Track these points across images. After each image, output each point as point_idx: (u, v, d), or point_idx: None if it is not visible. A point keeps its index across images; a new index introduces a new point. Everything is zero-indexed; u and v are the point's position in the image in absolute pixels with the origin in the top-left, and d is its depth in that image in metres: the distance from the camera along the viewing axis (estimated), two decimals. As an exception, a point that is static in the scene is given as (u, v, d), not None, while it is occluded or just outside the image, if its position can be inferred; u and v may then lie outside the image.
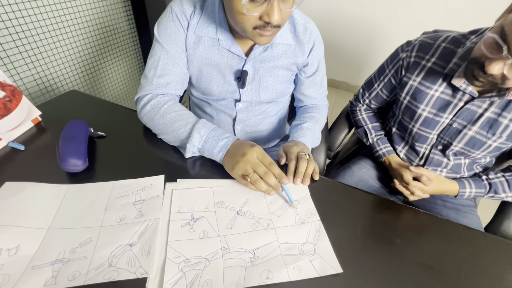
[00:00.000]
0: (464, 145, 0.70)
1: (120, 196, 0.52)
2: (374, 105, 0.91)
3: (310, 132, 0.74)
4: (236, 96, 0.73)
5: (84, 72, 1.32)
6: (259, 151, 0.55)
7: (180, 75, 0.67)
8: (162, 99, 0.64)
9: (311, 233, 0.50)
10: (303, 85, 0.79)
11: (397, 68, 0.78)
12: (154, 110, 0.63)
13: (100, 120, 0.70)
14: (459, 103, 0.68)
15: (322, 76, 0.80)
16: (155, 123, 0.63)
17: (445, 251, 0.49)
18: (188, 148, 0.59)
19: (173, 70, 0.65)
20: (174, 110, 0.63)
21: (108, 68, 1.46)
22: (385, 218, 0.54)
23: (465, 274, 0.46)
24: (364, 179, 0.88)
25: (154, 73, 0.65)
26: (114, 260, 0.42)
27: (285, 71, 0.72)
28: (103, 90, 1.47)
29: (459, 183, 0.76)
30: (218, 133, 0.59)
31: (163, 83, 0.65)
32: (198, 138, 0.58)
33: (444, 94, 0.69)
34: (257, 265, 0.44)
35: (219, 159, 0.58)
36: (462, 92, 0.67)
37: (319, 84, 0.80)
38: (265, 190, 0.54)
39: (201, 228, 0.48)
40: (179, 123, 0.61)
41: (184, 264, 0.43)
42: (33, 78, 1.10)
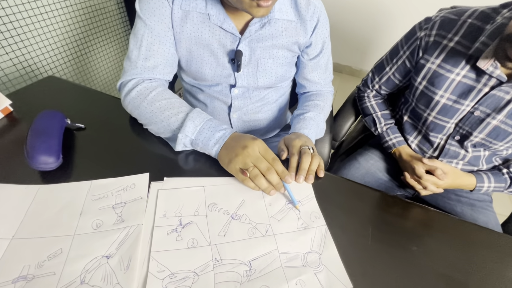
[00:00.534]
0: (486, 135, 0.63)
1: (98, 198, 0.45)
2: (385, 91, 0.82)
3: (313, 122, 0.67)
4: (231, 81, 0.65)
5: (69, 57, 1.23)
6: (262, 145, 0.49)
7: (168, 57, 0.59)
8: (149, 85, 0.57)
9: (316, 241, 0.44)
10: (306, 68, 0.70)
11: (413, 49, 0.69)
12: (140, 97, 0.56)
13: (80, 110, 0.63)
14: (483, 88, 0.60)
15: (327, 59, 0.72)
16: (141, 112, 0.56)
17: (468, 259, 0.43)
18: (180, 139, 0.52)
19: (160, 51, 0.57)
20: (164, 97, 0.56)
21: (96, 53, 1.36)
22: (399, 221, 0.48)
23: (493, 287, 0.40)
24: (371, 171, 0.81)
25: (138, 54, 0.57)
26: (87, 276, 0.36)
27: (285, 51, 0.63)
28: (90, 77, 1.38)
29: (477, 177, 0.70)
30: (214, 124, 0.52)
31: (149, 66, 0.58)
32: (191, 128, 0.52)
33: (466, 79, 0.61)
34: (254, 280, 0.38)
35: (214, 152, 0.52)
36: (488, 76, 0.59)
37: (323, 67, 0.72)
38: (265, 188, 0.48)
39: (190, 235, 0.42)
40: (170, 111, 0.54)
41: (169, 280, 0.37)
42: (12, 62, 1.01)
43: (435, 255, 0.43)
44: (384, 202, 0.51)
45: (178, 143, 0.53)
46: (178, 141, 0.52)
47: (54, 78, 0.73)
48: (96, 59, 1.37)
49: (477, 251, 0.44)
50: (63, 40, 1.18)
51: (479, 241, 0.46)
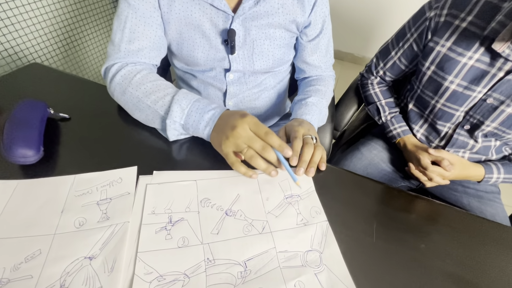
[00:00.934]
0: (499, 124, 0.59)
1: (82, 194, 0.42)
2: (389, 78, 0.78)
3: (316, 108, 0.62)
4: (225, 65, 0.61)
5: (58, 43, 1.17)
6: (252, 121, 0.44)
7: (154, 40, 0.54)
8: (134, 68, 0.53)
9: (316, 238, 0.41)
10: (305, 51, 0.66)
11: (421, 30, 0.64)
12: (125, 82, 0.51)
13: (65, 99, 0.59)
14: (498, 73, 0.56)
15: (327, 40, 0.67)
16: (127, 98, 0.52)
17: (480, 257, 0.40)
18: (169, 126, 0.48)
19: (145, 33, 0.53)
20: (149, 79, 0.51)
21: (85, 40, 1.30)
22: (405, 217, 0.45)
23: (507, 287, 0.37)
24: (374, 162, 0.78)
25: (122, 37, 0.52)
26: (67, 279, 0.33)
27: (283, 31, 0.59)
28: (78, 64, 1.32)
29: (486, 167, 0.66)
30: (202, 104, 0.48)
31: (133, 50, 0.53)
32: (179, 112, 0.48)
33: (479, 63, 0.57)
34: (249, 282, 0.35)
35: (206, 135, 0.48)
36: (503, 60, 0.54)
37: (324, 49, 0.67)
38: (264, 169, 0.45)
39: (180, 233, 0.39)
40: (156, 94, 0.49)
41: (157, 283, 0.34)
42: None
43: (444, 253, 0.40)
44: (389, 196, 0.48)
45: (169, 130, 0.49)
46: (168, 128, 0.49)
47: (37, 65, 0.68)
48: (85, 46, 1.32)
49: (489, 249, 0.41)
50: (51, 26, 1.12)
51: (491, 238, 0.43)
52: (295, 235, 0.41)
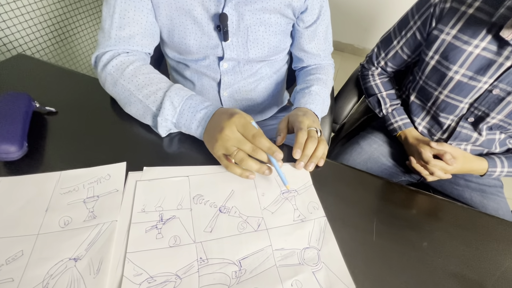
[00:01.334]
0: (505, 116, 0.57)
1: (68, 191, 0.40)
2: (391, 68, 0.75)
3: (319, 98, 0.60)
4: (218, 53, 0.58)
5: (49, 34, 1.13)
6: (239, 122, 0.42)
7: (146, 26, 0.52)
8: (126, 59, 0.50)
9: (314, 235, 0.39)
10: (302, 38, 0.63)
11: (425, 18, 0.61)
12: (117, 72, 0.49)
13: (51, 92, 0.56)
14: (505, 62, 0.53)
15: (326, 27, 0.63)
16: (118, 90, 0.49)
17: (484, 256, 0.39)
18: (160, 123, 0.46)
19: (136, 19, 0.50)
20: (142, 72, 0.49)
21: (78, 30, 1.26)
22: (407, 213, 0.43)
23: None
24: (374, 156, 0.76)
25: (111, 23, 0.50)
26: (51, 282, 0.31)
27: (278, 17, 0.56)
28: (73, 57, 1.29)
29: (489, 161, 0.65)
30: (195, 102, 0.46)
31: (124, 37, 0.51)
32: (171, 110, 0.45)
33: (486, 51, 0.54)
34: (244, 282, 0.34)
35: (199, 135, 0.46)
36: (511, 48, 0.52)
37: (322, 37, 0.64)
38: (257, 170, 0.42)
39: (171, 232, 0.37)
40: (149, 89, 0.47)
41: (147, 284, 0.32)
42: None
43: (447, 252, 0.38)
44: (390, 191, 0.46)
45: (161, 128, 0.47)
46: (160, 125, 0.46)
47: (23, 56, 0.65)
48: (76, 37, 1.28)
49: (495, 246, 0.40)
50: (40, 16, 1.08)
51: (495, 235, 0.41)
52: (292, 232, 0.39)
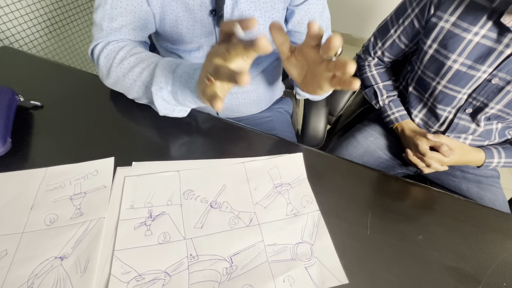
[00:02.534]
0: (504, 106, 0.56)
1: (54, 188, 0.39)
2: (388, 58, 0.73)
3: None
4: (213, 41, 0.56)
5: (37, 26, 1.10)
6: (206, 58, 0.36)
7: (139, 15, 0.50)
8: (116, 46, 0.49)
9: (307, 229, 0.38)
10: (294, 16, 0.58)
11: (423, 5, 0.59)
12: (109, 61, 0.48)
13: (37, 86, 0.54)
14: (505, 50, 0.52)
15: (322, 8, 0.59)
16: (114, 79, 0.48)
17: (479, 248, 0.38)
18: (155, 94, 0.43)
19: (128, 8, 0.48)
20: (132, 53, 0.47)
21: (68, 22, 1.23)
22: (402, 206, 0.42)
23: (507, 280, 0.35)
24: (370, 149, 0.75)
25: (103, 15, 0.48)
26: (36, 282, 0.30)
27: (275, 1, 0.53)
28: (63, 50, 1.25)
29: (486, 152, 0.64)
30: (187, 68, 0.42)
31: (116, 28, 0.49)
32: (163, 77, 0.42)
33: (485, 39, 0.53)
34: (235, 279, 0.33)
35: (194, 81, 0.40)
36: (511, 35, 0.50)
37: (317, 16, 0.59)
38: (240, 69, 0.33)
39: (161, 229, 0.36)
40: (140, 66, 0.45)
41: (135, 283, 0.32)
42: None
43: (443, 244, 0.38)
44: (385, 184, 0.45)
45: (156, 100, 0.43)
46: (154, 97, 0.43)
47: (8, 49, 0.63)
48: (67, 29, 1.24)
49: (491, 238, 0.39)
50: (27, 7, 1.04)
51: (491, 226, 0.41)
52: (285, 226, 0.38)
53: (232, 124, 0.52)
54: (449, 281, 0.34)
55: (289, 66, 0.39)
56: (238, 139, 0.49)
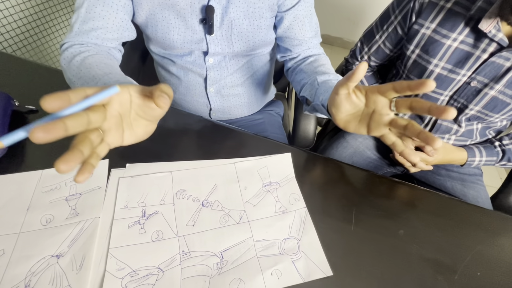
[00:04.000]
0: (482, 107, 0.59)
1: (50, 190, 0.40)
2: (374, 63, 0.76)
3: None
4: (203, 47, 0.58)
5: (21, 27, 1.11)
6: None
7: (114, 21, 0.50)
8: (77, 50, 0.47)
9: (295, 225, 0.40)
10: (283, 22, 0.59)
11: (405, 13, 0.62)
12: (66, 64, 0.47)
13: (31, 90, 0.55)
14: (482, 55, 0.55)
15: (309, 12, 0.60)
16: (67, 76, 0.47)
17: (457, 241, 0.40)
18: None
19: (102, 14, 0.49)
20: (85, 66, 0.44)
21: (54, 23, 1.24)
22: (386, 203, 0.44)
23: (480, 270, 0.37)
24: (360, 150, 0.77)
25: (77, 16, 0.49)
26: (33, 279, 0.32)
27: (263, 11, 0.55)
28: (49, 53, 1.26)
29: (468, 151, 0.67)
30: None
31: (86, 30, 0.49)
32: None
33: (464, 44, 0.56)
34: (225, 273, 0.35)
35: None
36: (488, 41, 0.53)
37: (307, 22, 0.60)
38: None
39: (154, 227, 0.38)
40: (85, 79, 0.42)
41: (129, 279, 0.33)
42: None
43: (422, 238, 0.40)
44: (371, 183, 0.47)
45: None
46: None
47: (2, 54, 0.64)
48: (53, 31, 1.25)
49: (467, 232, 0.42)
50: (11, 8, 1.05)
51: (469, 221, 0.43)
52: (273, 223, 0.40)
53: (224, 126, 0.54)
54: (427, 272, 0.36)
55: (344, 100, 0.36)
56: (229, 141, 0.51)
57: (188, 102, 0.71)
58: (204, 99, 0.69)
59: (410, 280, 0.36)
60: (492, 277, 0.37)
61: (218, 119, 0.76)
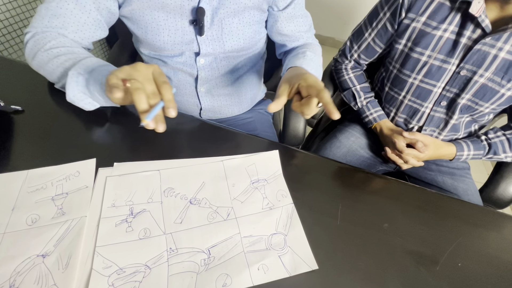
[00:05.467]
0: (473, 95, 0.61)
1: (36, 189, 0.40)
2: (364, 61, 0.77)
3: (313, 64, 0.58)
4: (194, 48, 0.58)
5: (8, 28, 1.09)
6: (158, 69, 0.40)
7: (84, 21, 0.50)
8: (48, 35, 0.49)
9: (282, 221, 0.41)
10: (279, 21, 0.62)
11: (394, 9, 0.63)
12: (37, 46, 0.47)
13: (17, 90, 0.55)
14: (467, 42, 0.57)
15: (302, 9, 0.63)
16: (37, 62, 0.48)
17: (439, 234, 0.41)
18: (71, 76, 0.44)
19: (74, 12, 0.48)
20: (65, 45, 0.48)
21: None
22: (372, 198, 0.45)
23: (461, 261, 0.39)
24: (353, 149, 0.78)
25: (47, 9, 0.48)
26: (18, 279, 0.32)
27: (253, 10, 0.56)
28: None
29: (457, 146, 0.68)
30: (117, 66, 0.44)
31: (56, 25, 0.49)
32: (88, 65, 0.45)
33: (453, 34, 0.58)
34: (212, 269, 0.35)
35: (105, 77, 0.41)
36: (473, 27, 0.55)
37: (300, 19, 0.63)
38: (142, 109, 0.36)
39: (142, 225, 0.38)
40: (68, 56, 0.47)
41: (116, 276, 0.33)
42: None
43: (406, 231, 0.41)
44: (357, 179, 0.48)
45: (69, 82, 0.43)
46: (69, 80, 0.43)
47: (-12, 55, 0.63)
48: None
49: (449, 225, 0.43)
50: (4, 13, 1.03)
51: (451, 214, 0.44)
52: (260, 219, 0.40)
53: (213, 125, 0.54)
54: (410, 264, 0.37)
55: None
56: (218, 139, 0.51)
57: (178, 102, 0.71)
58: (194, 99, 0.70)
59: (394, 272, 0.36)
60: (473, 267, 0.38)
61: (208, 118, 0.76)
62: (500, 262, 0.39)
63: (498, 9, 0.53)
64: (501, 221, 0.44)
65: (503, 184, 0.68)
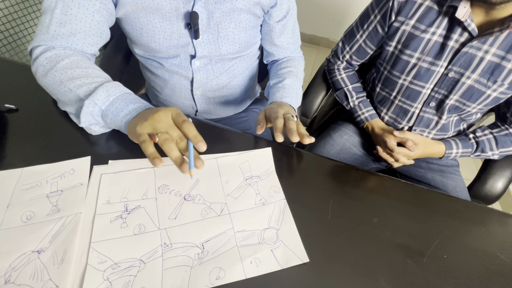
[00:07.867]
0: (460, 96, 0.63)
1: (30, 187, 0.40)
2: (356, 61, 0.79)
3: (292, 90, 0.63)
4: (190, 51, 0.59)
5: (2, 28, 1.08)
6: (175, 111, 0.43)
7: (91, 24, 0.49)
8: (62, 52, 0.48)
9: (274, 216, 0.42)
10: (273, 32, 0.65)
11: (385, 12, 0.65)
12: (50, 64, 0.46)
13: (11, 89, 0.55)
14: (455, 45, 0.58)
15: (294, 21, 0.67)
16: (48, 81, 0.46)
17: (426, 228, 0.43)
18: (86, 107, 0.43)
19: (79, 17, 0.48)
20: (78, 66, 0.47)
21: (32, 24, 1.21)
22: (362, 194, 0.46)
23: (447, 253, 0.40)
24: (346, 147, 0.80)
25: (51, 17, 0.47)
26: (13, 275, 0.32)
27: (247, 15, 0.57)
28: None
29: (446, 144, 0.70)
30: (132, 97, 0.45)
31: (64, 33, 0.48)
32: (103, 97, 0.43)
33: (441, 37, 0.60)
34: (206, 263, 0.36)
35: (124, 123, 0.43)
36: (460, 31, 0.57)
37: (290, 30, 0.67)
38: (175, 158, 0.39)
39: (136, 221, 0.39)
40: (83, 80, 0.45)
41: (111, 271, 0.34)
42: None
43: (395, 225, 0.42)
44: (348, 175, 0.49)
45: (84, 112, 0.43)
46: (84, 109, 0.43)
47: (-19, 55, 0.63)
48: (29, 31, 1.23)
49: (436, 219, 0.44)
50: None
51: (438, 209, 0.46)
52: (253, 214, 0.41)
53: (208, 123, 0.55)
54: (398, 256, 0.39)
55: None
56: (213, 138, 0.52)
57: (174, 104, 0.71)
58: (190, 101, 0.70)
59: (382, 264, 0.38)
60: (458, 259, 0.39)
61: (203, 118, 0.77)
62: (484, 254, 0.41)
63: (483, 13, 0.55)
64: (486, 215, 0.46)
65: (490, 180, 0.70)
